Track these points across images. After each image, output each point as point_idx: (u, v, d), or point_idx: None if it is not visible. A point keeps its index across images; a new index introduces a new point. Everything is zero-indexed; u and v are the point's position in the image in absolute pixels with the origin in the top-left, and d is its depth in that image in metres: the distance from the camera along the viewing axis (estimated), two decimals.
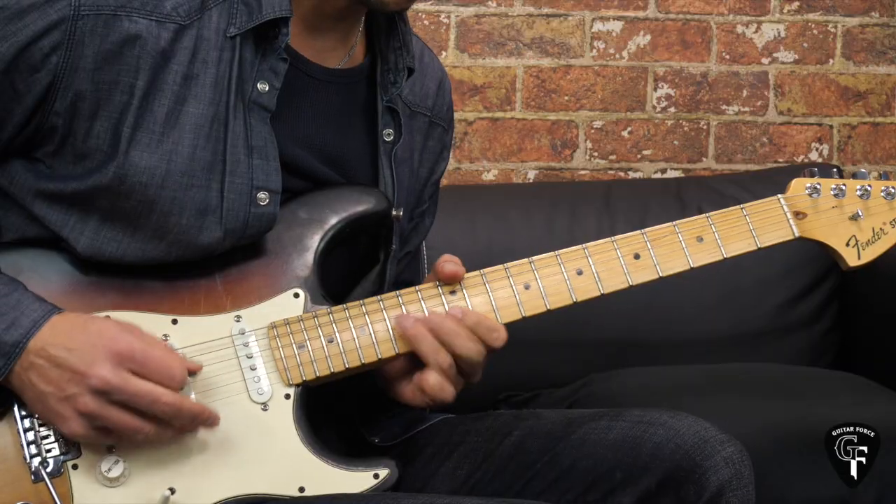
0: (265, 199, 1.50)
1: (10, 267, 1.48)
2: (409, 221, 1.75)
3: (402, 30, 1.63)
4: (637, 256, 1.60)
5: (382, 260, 1.65)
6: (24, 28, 1.42)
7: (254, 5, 1.49)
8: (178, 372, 1.41)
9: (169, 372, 1.41)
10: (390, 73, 1.62)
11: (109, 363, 1.38)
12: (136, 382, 1.39)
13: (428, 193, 1.79)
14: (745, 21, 3.14)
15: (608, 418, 1.57)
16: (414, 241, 1.79)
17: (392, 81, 1.62)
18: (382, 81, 1.63)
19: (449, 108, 1.79)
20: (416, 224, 1.79)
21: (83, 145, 1.45)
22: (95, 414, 1.39)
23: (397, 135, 1.64)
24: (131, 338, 1.41)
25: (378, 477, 1.50)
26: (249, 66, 1.50)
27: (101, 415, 1.39)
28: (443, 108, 1.77)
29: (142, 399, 1.39)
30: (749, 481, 1.49)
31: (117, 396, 1.38)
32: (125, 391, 1.38)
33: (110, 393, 1.38)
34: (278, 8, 1.49)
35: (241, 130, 1.49)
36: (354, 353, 1.52)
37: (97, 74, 1.43)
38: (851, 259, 1.68)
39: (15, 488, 1.42)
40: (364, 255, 1.66)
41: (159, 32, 1.45)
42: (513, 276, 1.57)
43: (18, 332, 1.40)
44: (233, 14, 1.50)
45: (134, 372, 1.39)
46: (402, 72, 1.62)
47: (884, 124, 3.20)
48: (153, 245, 1.47)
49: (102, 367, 1.38)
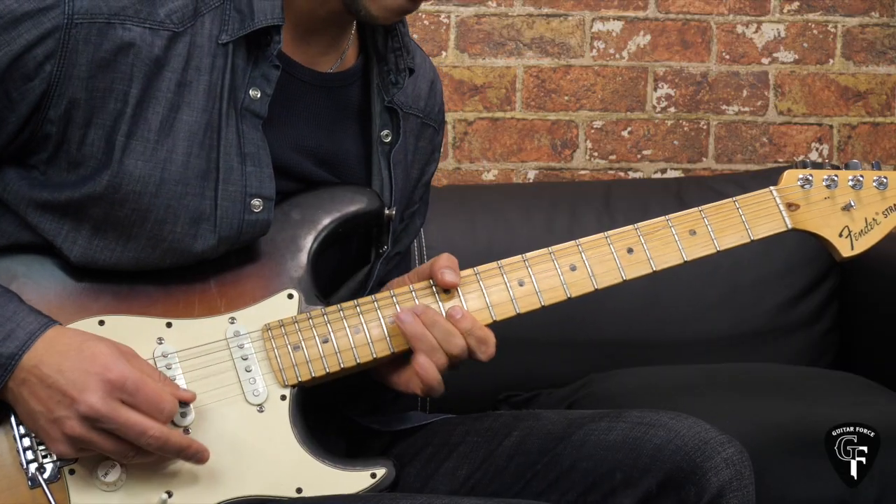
0: (259, 206, 1.50)
1: (3, 273, 1.48)
2: (400, 222, 1.75)
3: (400, 31, 1.63)
4: (630, 251, 1.60)
5: (373, 260, 1.65)
6: (18, 37, 1.42)
7: (246, 13, 1.49)
8: (167, 405, 1.41)
9: (159, 405, 1.40)
10: (391, 73, 1.62)
11: (101, 391, 1.38)
12: (125, 413, 1.38)
13: (419, 195, 1.79)
14: (745, 21, 3.14)
15: (608, 419, 1.57)
16: (404, 241, 1.79)
17: (393, 82, 1.62)
18: (382, 82, 1.63)
19: (440, 109, 1.79)
20: (407, 225, 1.79)
21: (77, 153, 1.45)
22: (82, 438, 1.39)
23: (395, 136, 1.64)
24: (125, 366, 1.40)
25: (375, 476, 1.50)
26: (241, 73, 1.50)
27: (88, 440, 1.39)
28: (434, 110, 1.77)
29: (129, 430, 1.39)
30: (749, 482, 1.49)
31: (105, 425, 1.38)
32: (113, 421, 1.38)
33: (98, 421, 1.38)
34: (270, 16, 1.49)
35: (234, 137, 1.49)
36: (349, 353, 1.52)
37: (91, 82, 1.43)
38: (845, 249, 1.67)
39: (12, 494, 1.42)
40: (355, 255, 1.66)
41: (153, 40, 1.45)
42: (506, 273, 1.57)
43: (14, 345, 1.40)
44: (225, 21, 1.49)
45: (124, 402, 1.39)
46: (403, 72, 1.62)
47: (884, 124, 3.20)
48: (147, 253, 1.47)
49: (93, 395, 1.37)
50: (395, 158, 1.65)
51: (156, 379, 1.43)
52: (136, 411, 1.39)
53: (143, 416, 1.39)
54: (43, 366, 1.39)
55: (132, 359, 1.42)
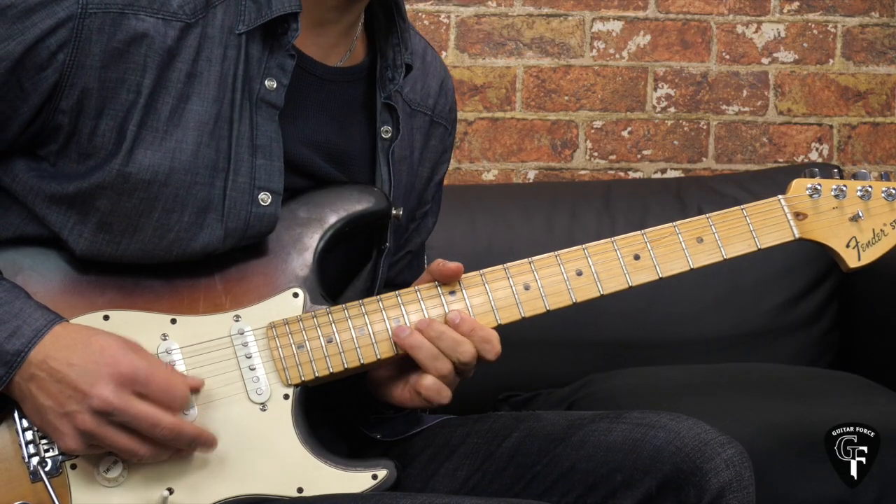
0: (267, 200, 1.50)
1: (9, 265, 1.48)
2: (411, 222, 1.75)
3: (400, 27, 1.63)
4: (637, 257, 1.60)
5: (375, 257, 1.65)
6: (32, 26, 1.41)
7: (262, 2, 1.49)
8: (180, 393, 1.41)
9: (171, 393, 1.40)
10: (389, 69, 1.62)
11: (112, 384, 1.38)
12: (138, 405, 1.38)
13: (430, 194, 1.79)
14: (745, 21, 3.14)
15: (608, 420, 1.57)
16: (416, 240, 1.79)
17: (390, 78, 1.62)
18: (381, 78, 1.63)
19: (452, 108, 1.79)
20: (419, 224, 1.79)
21: (88, 144, 1.45)
22: (93, 433, 1.38)
23: (395, 132, 1.64)
24: (134, 357, 1.40)
25: (377, 478, 1.50)
26: (256, 63, 1.50)
27: (99, 434, 1.38)
28: (445, 108, 1.77)
29: (142, 422, 1.38)
30: (750, 483, 1.49)
31: (118, 418, 1.38)
32: (126, 413, 1.38)
33: (111, 414, 1.38)
34: (288, 4, 1.49)
35: (247, 129, 1.49)
36: (353, 354, 1.52)
37: (104, 73, 1.43)
38: (852, 260, 1.67)
39: (13, 488, 1.42)
40: (360, 254, 1.66)
41: (166, 31, 1.45)
42: (512, 276, 1.57)
43: (20, 342, 1.39)
44: (241, 11, 1.49)
45: (136, 393, 1.39)
46: (400, 69, 1.62)
47: (884, 124, 3.20)
48: (154, 244, 1.46)
49: (105, 388, 1.37)
50: (396, 155, 1.65)
51: (165, 369, 1.43)
52: (148, 403, 1.39)
53: (155, 408, 1.39)
54: (51, 360, 1.39)
55: (139, 351, 1.42)
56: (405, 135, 1.67)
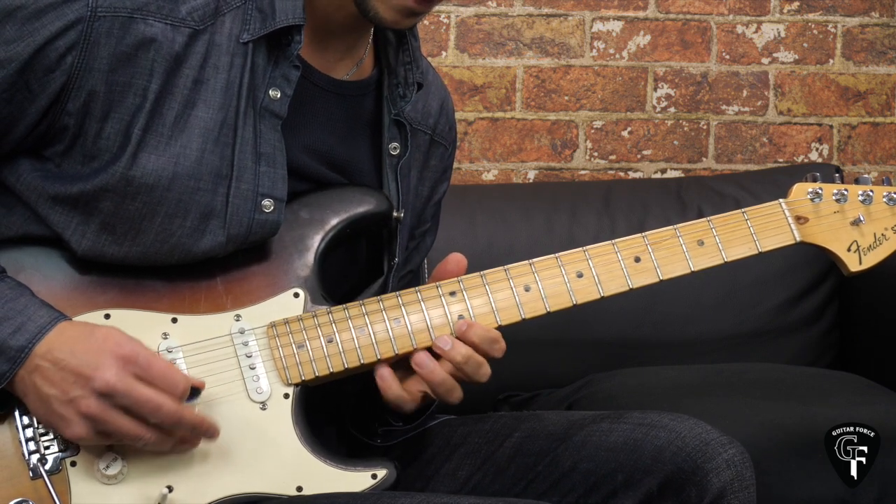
0: (270, 207, 1.50)
1: (11, 264, 1.48)
2: (410, 240, 1.75)
3: (412, 45, 1.63)
4: (637, 259, 1.60)
5: (386, 273, 1.65)
6: (42, 28, 1.42)
7: (268, 12, 1.50)
8: (180, 382, 1.41)
9: (172, 380, 1.41)
10: (399, 86, 1.63)
11: (115, 366, 1.38)
12: (141, 388, 1.39)
13: (430, 213, 1.80)
14: (745, 21, 3.14)
15: (609, 420, 1.57)
16: (415, 259, 1.80)
17: (401, 95, 1.63)
18: (391, 95, 1.63)
19: (452, 128, 1.79)
20: (418, 244, 1.79)
21: (93, 146, 1.45)
22: (98, 417, 1.38)
23: (404, 148, 1.64)
24: (136, 344, 1.41)
25: (376, 477, 1.50)
26: (262, 72, 1.51)
27: (104, 418, 1.39)
28: (445, 128, 1.77)
29: (145, 405, 1.39)
30: (750, 483, 1.49)
31: (121, 400, 1.38)
32: (129, 395, 1.38)
33: (114, 396, 1.38)
34: (292, 15, 1.50)
35: (251, 137, 1.50)
36: (353, 354, 1.52)
37: (111, 76, 1.44)
38: (853, 264, 1.67)
39: (13, 485, 1.42)
40: (363, 258, 1.66)
41: (174, 37, 1.45)
42: (513, 277, 1.57)
43: (24, 338, 1.40)
44: (247, 20, 1.50)
45: (138, 377, 1.39)
46: (411, 86, 1.63)
47: (884, 124, 3.20)
48: (156, 248, 1.47)
49: (108, 371, 1.38)
50: (403, 172, 1.65)
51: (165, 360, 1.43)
52: (150, 387, 1.39)
53: (157, 392, 1.39)
54: (55, 351, 1.39)
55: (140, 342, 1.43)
56: (410, 152, 1.67)
